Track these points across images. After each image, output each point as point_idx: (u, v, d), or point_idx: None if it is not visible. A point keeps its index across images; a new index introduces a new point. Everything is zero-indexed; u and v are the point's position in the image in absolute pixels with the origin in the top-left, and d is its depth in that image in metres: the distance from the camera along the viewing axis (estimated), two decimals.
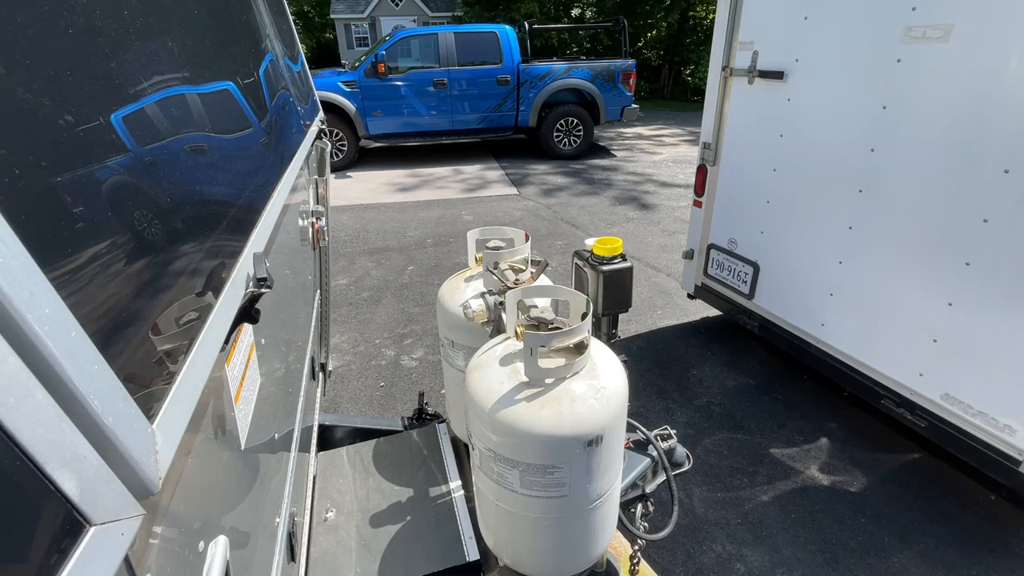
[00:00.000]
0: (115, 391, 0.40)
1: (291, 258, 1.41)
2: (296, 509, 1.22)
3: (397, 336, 3.82)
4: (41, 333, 0.33)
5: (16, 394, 0.31)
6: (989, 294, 2.04)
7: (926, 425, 2.32)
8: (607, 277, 1.67)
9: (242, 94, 0.98)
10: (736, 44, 2.99)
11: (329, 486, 1.61)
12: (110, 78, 0.52)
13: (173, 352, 0.52)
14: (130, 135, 0.53)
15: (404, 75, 8.28)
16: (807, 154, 2.70)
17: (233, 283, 0.70)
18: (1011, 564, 2.12)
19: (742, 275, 3.17)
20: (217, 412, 0.69)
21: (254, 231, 0.85)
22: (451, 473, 1.61)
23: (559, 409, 0.90)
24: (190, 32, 0.79)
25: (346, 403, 3.13)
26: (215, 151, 0.80)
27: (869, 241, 2.46)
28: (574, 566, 1.10)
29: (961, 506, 2.37)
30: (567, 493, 0.96)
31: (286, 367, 1.24)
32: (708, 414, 3.00)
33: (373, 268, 4.97)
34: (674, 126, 12.92)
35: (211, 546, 0.61)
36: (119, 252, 0.47)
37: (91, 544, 0.35)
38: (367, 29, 27.93)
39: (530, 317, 1.03)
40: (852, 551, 2.18)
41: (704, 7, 18.54)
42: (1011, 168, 1.92)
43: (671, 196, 7.13)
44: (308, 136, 1.63)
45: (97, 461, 0.37)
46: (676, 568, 2.12)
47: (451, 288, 1.37)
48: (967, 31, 1.98)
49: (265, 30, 1.36)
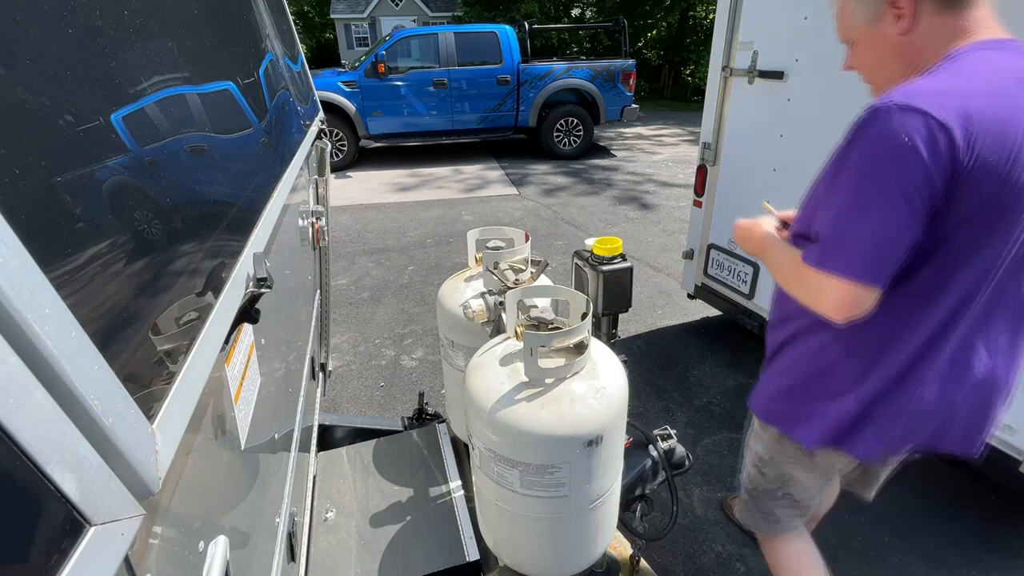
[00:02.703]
0: (115, 391, 0.40)
1: (291, 258, 1.41)
2: (296, 509, 1.22)
3: (397, 336, 3.82)
4: (41, 333, 0.33)
5: (16, 394, 0.31)
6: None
7: None
8: (607, 277, 1.67)
9: (242, 94, 0.98)
10: (736, 44, 2.99)
11: (329, 486, 1.61)
12: (110, 78, 0.52)
13: (173, 352, 0.52)
14: (130, 135, 0.53)
15: (404, 75, 8.28)
16: (807, 154, 2.69)
17: (233, 283, 0.70)
18: (1011, 564, 2.12)
19: (742, 275, 3.17)
20: (217, 412, 0.69)
21: (254, 231, 0.85)
22: (451, 473, 1.61)
23: (559, 409, 0.90)
24: (190, 32, 0.79)
25: (346, 403, 3.13)
26: (215, 151, 0.80)
27: None
28: (574, 566, 1.10)
29: (961, 506, 2.37)
30: (567, 493, 0.96)
31: (286, 367, 1.24)
32: (708, 414, 3.00)
33: (373, 268, 4.97)
34: (674, 126, 12.92)
35: (211, 546, 0.61)
36: (119, 252, 0.47)
37: (91, 544, 0.35)
38: (367, 29, 27.93)
39: (530, 317, 1.03)
40: (852, 551, 2.18)
41: (704, 7, 18.54)
42: None
43: (671, 196, 7.14)
44: (308, 136, 1.63)
45: (97, 461, 0.37)
46: (676, 568, 2.12)
47: (451, 288, 1.37)
48: None
49: (265, 30, 1.36)
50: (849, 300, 0.97)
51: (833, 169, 1.03)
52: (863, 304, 0.97)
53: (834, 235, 0.98)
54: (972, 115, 0.91)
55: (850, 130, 1.00)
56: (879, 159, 0.94)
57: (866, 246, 0.95)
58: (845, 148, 1.00)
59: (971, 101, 0.92)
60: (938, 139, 0.90)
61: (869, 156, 0.95)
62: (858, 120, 0.98)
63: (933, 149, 0.90)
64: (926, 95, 0.92)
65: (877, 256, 0.95)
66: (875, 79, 1.13)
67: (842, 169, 0.99)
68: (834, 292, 0.97)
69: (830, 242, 0.98)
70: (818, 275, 0.99)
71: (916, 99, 0.92)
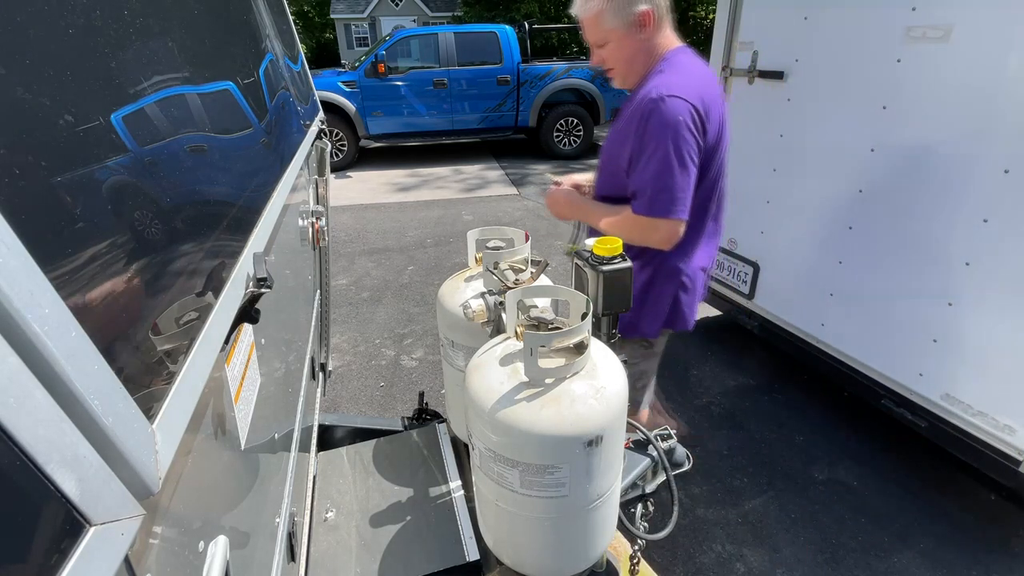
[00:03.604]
0: (115, 391, 0.40)
1: (291, 258, 1.41)
2: (296, 509, 1.22)
3: (397, 336, 3.82)
4: (41, 333, 0.33)
5: (16, 394, 0.31)
6: (989, 294, 2.04)
7: (926, 425, 2.31)
8: (607, 277, 1.67)
9: (242, 94, 0.98)
10: (736, 44, 2.99)
11: (329, 486, 1.61)
12: (110, 78, 0.52)
13: (173, 352, 0.52)
14: (130, 135, 0.53)
15: (404, 75, 8.28)
16: (807, 154, 2.70)
17: (233, 283, 0.70)
18: (1011, 564, 2.12)
19: (742, 275, 3.17)
20: (217, 412, 0.69)
21: (254, 231, 0.85)
22: (451, 473, 1.61)
23: (559, 409, 0.90)
24: (190, 32, 0.79)
25: (346, 403, 3.13)
26: (215, 151, 0.80)
27: (869, 241, 2.46)
28: (574, 566, 1.09)
29: (961, 506, 2.37)
30: (567, 493, 0.96)
31: (286, 367, 1.24)
32: (708, 414, 3.00)
33: (373, 268, 4.97)
34: None
35: (211, 546, 0.61)
36: (119, 252, 0.47)
37: (91, 544, 0.35)
38: (367, 29, 27.93)
39: (530, 317, 1.03)
40: (852, 551, 2.18)
41: (704, 7, 18.54)
42: (1011, 168, 1.92)
43: None
44: (308, 136, 1.63)
45: (97, 461, 0.37)
46: (676, 568, 2.12)
47: (451, 288, 1.37)
48: (967, 31, 1.98)
49: (265, 30, 1.36)
50: (674, 232, 1.45)
51: (637, 144, 1.43)
52: (680, 232, 1.45)
53: (654, 190, 1.41)
54: (703, 97, 1.39)
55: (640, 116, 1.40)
56: (668, 134, 1.36)
57: (677, 194, 1.40)
58: (642, 129, 1.40)
59: (699, 88, 1.40)
60: (694, 116, 1.37)
61: (662, 133, 1.37)
62: (645, 109, 1.38)
63: (694, 123, 1.37)
64: (677, 87, 1.37)
65: (684, 199, 1.42)
66: (624, 72, 1.51)
67: (646, 144, 1.40)
68: (664, 230, 1.44)
69: (654, 196, 1.42)
70: (649, 220, 1.43)
71: (675, 90, 1.37)
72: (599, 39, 1.46)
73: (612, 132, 1.58)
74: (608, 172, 1.60)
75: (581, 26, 1.47)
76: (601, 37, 1.45)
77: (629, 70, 1.50)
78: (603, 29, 1.43)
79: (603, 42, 1.46)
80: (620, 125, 1.52)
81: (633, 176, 1.45)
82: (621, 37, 1.43)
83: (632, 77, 1.51)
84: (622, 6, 1.39)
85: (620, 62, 1.49)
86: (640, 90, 1.46)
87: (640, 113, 1.39)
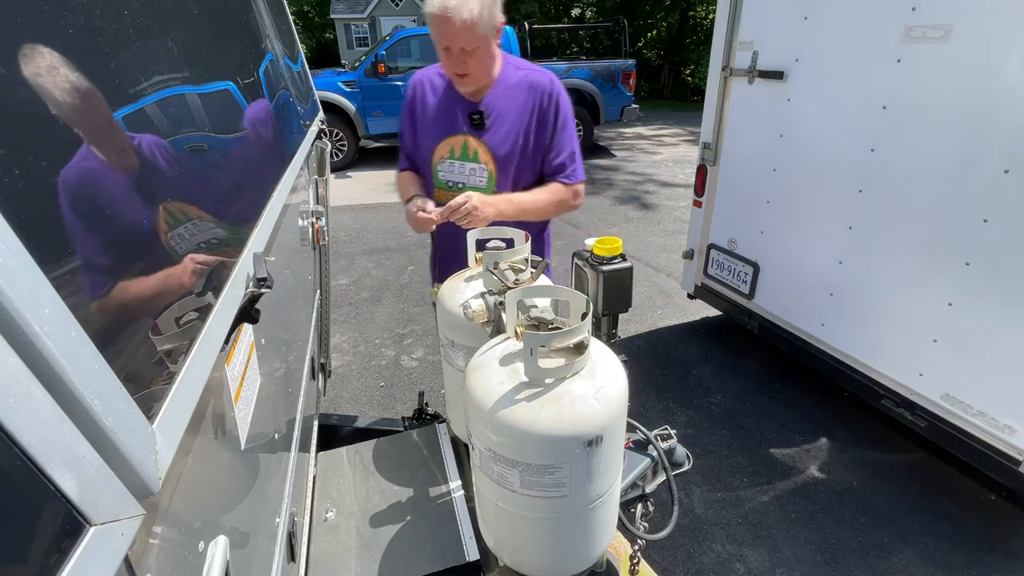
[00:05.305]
0: (115, 391, 0.40)
1: (291, 258, 1.41)
2: (296, 509, 1.22)
3: (397, 336, 3.82)
4: (41, 333, 0.33)
5: (16, 394, 0.31)
6: (989, 294, 2.04)
7: (926, 425, 2.31)
8: (607, 277, 1.67)
9: (242, 94, 0.98)
10: (736, 44, 2.99)
11: (329, 486, 1.61)
12: (110, 78, 0.52)
13: (173, 352, 0.52)
14: (130, 135, 0.53)
15: (404, 75, 8.28)
16: (807, 154, 2.70)
17: (233, 283, 0.70)
18: (1011, 564, 2.12)
19: (742, 275, 3.17)
20: (217, 412, 0.69)
21: (254, 231, 0.85)
22: (451, 473, 1.61)
23: (559, 409, 0.90)
24: (190, 32, 0.79)
25: (346, 403, 3.13)
26: (215, 151, 0.80)
27: (869, 241, 2.46)
28: (574, 566, 1.09)
29: (961, 506, 2.37)
30: (567, 493, 0.96)
31: (286, 367, 1.24)
32: (708, 414, 3.00)
33: (373, 268, 4.97)
34: (674, 126, 12.92)
35: (211, 546, 0.61)
36: (119, 252, 0.47)
37: (91, 544, 0.35)
38: (367, 29, 27.93)
39: (530, 317, 1.03)
40: (852, 551, 2.18)
41: (704, 7, 18.54)
42: (1011, 168, 1.92)
43: (671, 196, 7.14)
44: (308, 136, 1.63)
45: (97, 461, 0.37)
46: (676, 568, 2.12)
47: (451, 288, 1.37)
48: (967, 31, 1.98)
49: (265, 30, 1.36)
50: (582, 192, 1.76)
51: (555, 121, 1.67)
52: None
53: (578, 159, 1.72)
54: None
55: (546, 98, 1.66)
56: (571, 109, 1.70)
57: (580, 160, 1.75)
58: (555, 108, 1.66)
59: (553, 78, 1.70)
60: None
61: (569, 108, 1.69)
62: (549, 90, 1.65)
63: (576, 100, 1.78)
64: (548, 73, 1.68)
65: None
66: (480, 76, 1.62)
67: (566, 119, 1.69)
68: (582, 193, 1.76)
69: (577, 164, 1.72)
70: (578, 186, 1.73)
71: (555, 76, 1.69)
72: (472, 44, 1.51)
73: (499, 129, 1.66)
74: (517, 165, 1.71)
75: (450, 33, 1.48)
76: (473, 42, 1.50)
77: (485, 73, 1.63)
78: (477, 35, 1.49)
79: (473, 47, 1.51)
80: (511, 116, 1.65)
81: (558, 150, 1.70)
82: (489, 44, 1.55)
83: (484, 79, 1.65)
84: (492, 15, 1.51)
85: (482, 67, 1.59)
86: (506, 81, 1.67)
87: (544, 96, 1.65)
